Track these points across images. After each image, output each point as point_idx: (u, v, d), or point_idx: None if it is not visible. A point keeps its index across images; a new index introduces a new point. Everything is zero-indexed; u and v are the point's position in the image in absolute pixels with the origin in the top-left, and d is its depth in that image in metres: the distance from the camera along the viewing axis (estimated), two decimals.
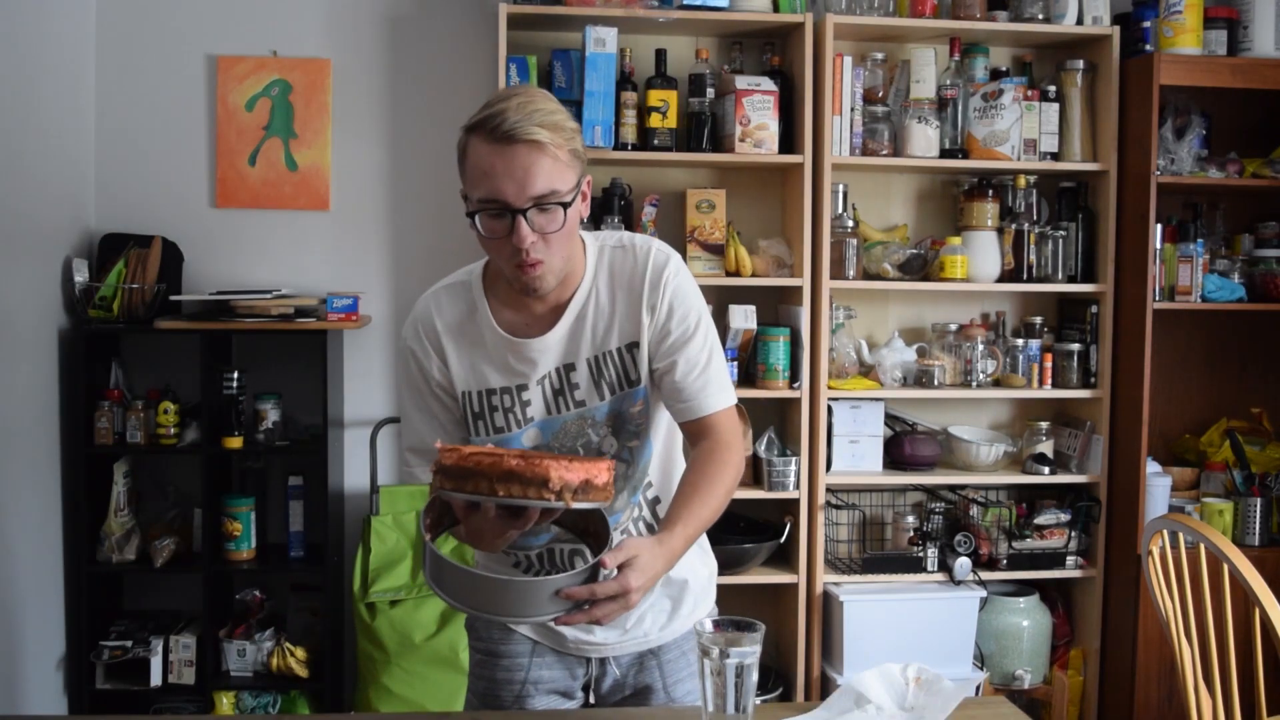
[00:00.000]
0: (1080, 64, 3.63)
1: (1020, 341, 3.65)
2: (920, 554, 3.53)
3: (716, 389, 1.75)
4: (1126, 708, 3.57)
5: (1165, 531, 2.51)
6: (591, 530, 1.65)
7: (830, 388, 3.51)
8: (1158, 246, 3.54)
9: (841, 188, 3.57)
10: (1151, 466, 3.59)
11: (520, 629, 1.87)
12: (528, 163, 1.58)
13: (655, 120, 3.43)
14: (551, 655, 1.87)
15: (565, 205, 1.62)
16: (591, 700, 1.89)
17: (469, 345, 1.76)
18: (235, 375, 3.36)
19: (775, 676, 3.57)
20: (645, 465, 1.80)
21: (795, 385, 3.50)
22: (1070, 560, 3.64)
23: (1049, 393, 3.64)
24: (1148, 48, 3.60)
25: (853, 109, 3.50)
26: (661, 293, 1.73)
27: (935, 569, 3.53)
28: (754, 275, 3.50)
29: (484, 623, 1.88)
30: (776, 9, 3.47)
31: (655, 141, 3.44)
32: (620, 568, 1.49)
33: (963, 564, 3.49)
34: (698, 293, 1.77)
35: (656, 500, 1.83)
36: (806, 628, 3.52)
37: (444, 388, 1.77)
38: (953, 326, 3.69)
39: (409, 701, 3.25)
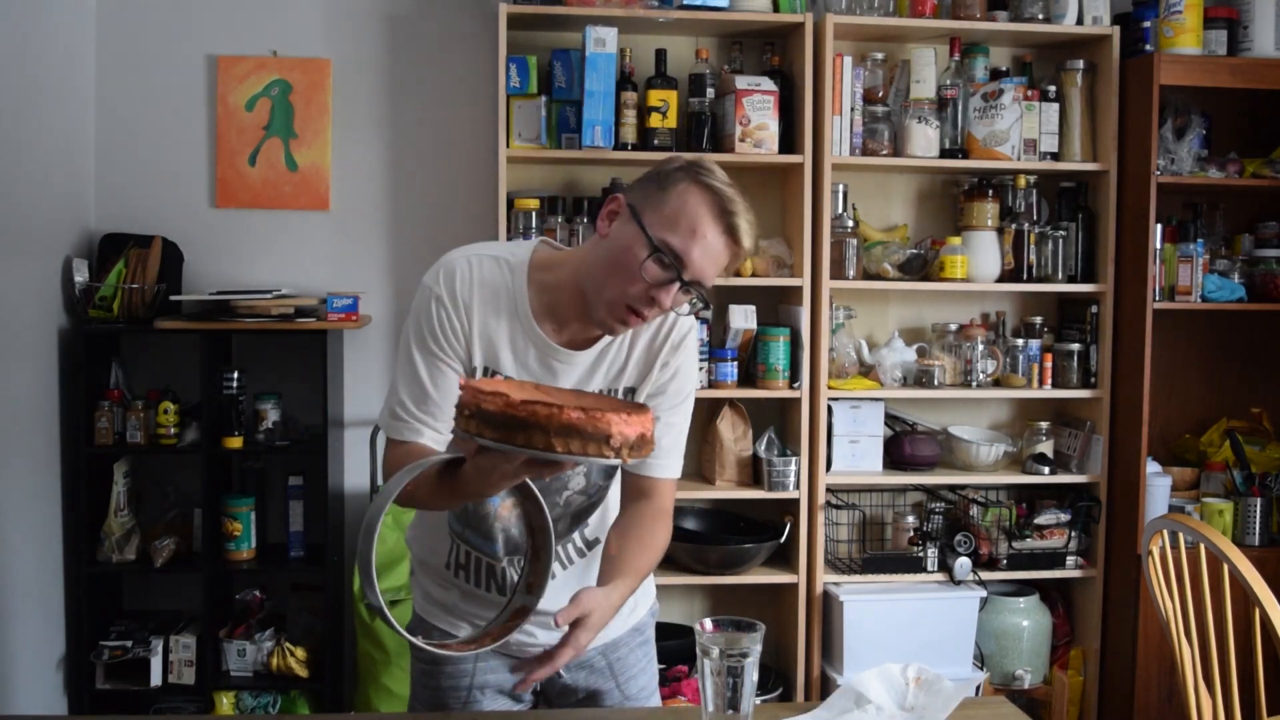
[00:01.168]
0: (1080, 64, 3.63)
1: (1020, 341, 3.65)
2: (920, 554, 3.53)
3: (676, 457, 1.82)
4: (1126, 708, 3.57)
5: (1165, 531, 2.51)
6: (535, 527, 1.59)
7: (830, 388, 3.51)
8: (1158, 246, 3.54)
9: (841, 188, 3.57)
10: (1151, 466, 3.59)
11: (462, 632, 1.85)
12: (722, 257, 1.62)
13: (655, 120, 3.43)
14: (496, 659, 1.83)
15: (702, 299, 1.66)
16: (540, 704, 1.89)
17: (494, 321, 1.68)
18: (235, 375, 3.36)
19: (775, 676, 3.57)
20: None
21: (795, 385, 3.50)
22: (1070, 560, 3.64)
23: (1049, 393, 3.64)
24: (1148, 48, 3.60)
25: (853, 109, 3.50)
26: (678, 355, 1.77)
27: (935, 569, 3.53)
28: (754, 275, 3.50)
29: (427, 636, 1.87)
30: (776, 9, 3.47)
31: (655, 141, 3.44)
32: (573, 626, 1.55)
33: (963, 564, 3.49)
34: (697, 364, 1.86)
35: (594, 541, 1.85)
36: (806, 628, 3.52)
37: (460, 350, 1.68)
38: (953, 326, 3.69)
39: (409, 702, 3.25)
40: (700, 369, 3.40)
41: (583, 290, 1.65)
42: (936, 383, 3.57)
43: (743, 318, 3.50)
